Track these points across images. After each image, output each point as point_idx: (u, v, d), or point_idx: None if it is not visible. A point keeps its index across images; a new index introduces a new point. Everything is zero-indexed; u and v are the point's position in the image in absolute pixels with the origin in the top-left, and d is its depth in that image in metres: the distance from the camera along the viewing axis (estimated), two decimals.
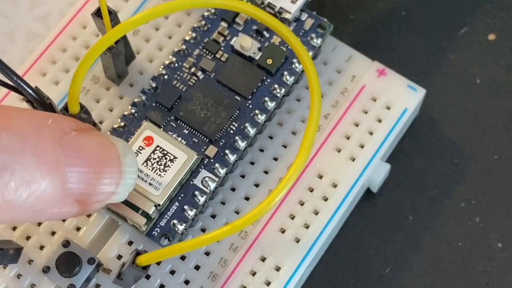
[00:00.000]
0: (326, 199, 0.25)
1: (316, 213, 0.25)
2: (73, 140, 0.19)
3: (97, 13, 0.24)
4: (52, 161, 0.19)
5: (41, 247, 0.25)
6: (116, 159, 0.20)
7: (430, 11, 0.29)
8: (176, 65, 0.26)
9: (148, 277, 0.24)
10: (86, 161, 0.19)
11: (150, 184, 0.24)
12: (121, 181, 0.20)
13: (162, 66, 0.26)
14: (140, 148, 0.24)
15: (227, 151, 0.25)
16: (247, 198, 0.25)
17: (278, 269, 0.24)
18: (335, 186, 0.25)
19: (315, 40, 0.26)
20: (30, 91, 0.22)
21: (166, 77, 0.26)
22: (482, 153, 0.27)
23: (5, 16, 0.29)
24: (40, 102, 0.22)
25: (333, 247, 0.26)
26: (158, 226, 0.24)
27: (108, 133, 0.25)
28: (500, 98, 0.28)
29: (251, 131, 0.25)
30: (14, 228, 0.25)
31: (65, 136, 0.19)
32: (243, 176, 0.26)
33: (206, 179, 0.25)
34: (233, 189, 0.25)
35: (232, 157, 0.25)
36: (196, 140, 0.25)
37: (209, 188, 0.24)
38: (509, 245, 0.26)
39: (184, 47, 0.26)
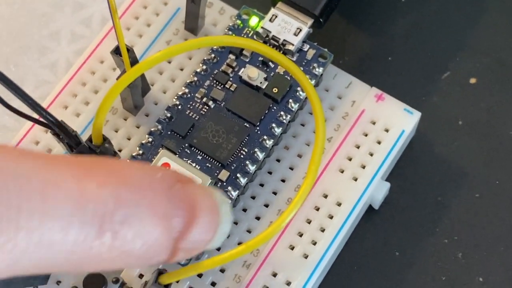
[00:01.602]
0: (331, 217, 0.27)
1: (323, 230, 0.27)
2: (178, 192, 0.21)
3: (116, 51, 0.26)
4: (162, 213, 0.20)
5: None
6: (215, 209, 0.21)
7: (414, 56, 0.31)
8: (189, 95, 0.28)
9: None
10: (189, 212, 0.21)
11: None
12: (218, 229, 0.22)
13: (176, 97, 0.28)
14: None
15: (238, 175, 0.27)
16: (258, 218, 0.27)
17: (288, 283, 0.26)
18: (339, 204, 0.27)
19: (317, 69, 0.28)
20: (51, 119, 0.24)
21: (179, 107, 0.28)
22: (464, 192, 0.29)
23: (15, 64, 0.31)
24: (66, 135, 0.24)
25: (324, 283, 0.28)
26: None
27: (127, 160, 0.27)
28: (481, 139, 0.30)
29: (260, 155, 0.27)
30: None
31: (172, 189, 0.20)
32: (253, 197, 0.27)
33: None
34: (244, 210, 0.27)
35: (243, 180, 0.27)
36: (209, 165, 0.27)
37: None
38: (489, 280, 0.28)
39: (195, 78, 0.28)
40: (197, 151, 0.27)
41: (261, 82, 0.28)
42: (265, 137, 0.27)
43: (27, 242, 0.18)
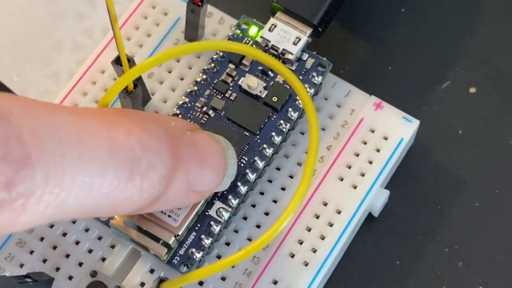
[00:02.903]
0: (331, 225, 0.27)
1: (323, 238, 0.27)
2: (190, 138, 0.23)
3: (117, 61, 0.27)
4: (180, 157, 0.22)
5: (70, 278, 0.27)
6: (222, 153, 0.24)
7: (414, 66, 0.31)
8: (189, 105, 0.28)
9: None
10: (201, 156, 0.23)
11: (169, 216, 0.26)
12: (226, 172, 0.24)
13: (176, 106, 0.28)
14: None
15: (238, 183, 0.27)
16: (258, 226, 0.27)
17: None
18: (339, 212, 0.27)
19: (316, 78, 0.28)
20: None
21: (180, 116, 0.28)
22: (464, 200, 0.29)
23: (17, 74, 0.31)
24: None
25: None
26: (178, 254, 0.26)
27: None
28: (481, 149, 0.30)
29: (260, 164, 0.27)
30: (45, 261, 0.27)
31: (185, 135, 0.23)
32: (254, 206, 0.28)
33: (220, 209, 0.27)
34: (245, 218, 0.27)
35: (243, 189, 0.27)
36: None
37: (223, 218, 0.27)
38: None
39: (195, 88, 0.28)
40: None
41: (260, 91, 0.28)
42: (265, 145, 0.27)
43: (71, 185, 0.20)
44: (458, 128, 0.30)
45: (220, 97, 0.28)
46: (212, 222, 0.26)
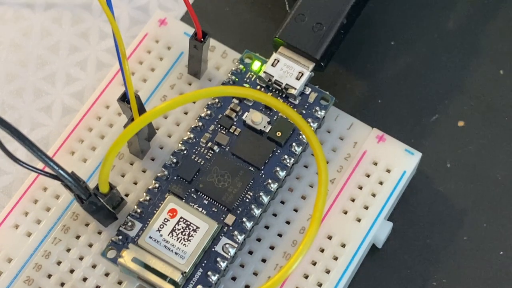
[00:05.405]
0: (336, 258, 0.28)
1: (328, 271, 0.27)
2: None
3: (122, 98, 0.27)
4: None
5: None
6: None
7: (403, 99, 0.31)
8: (194, 140, 0.28)
9: None
10: None
11: (176, 253, 0.26)
12: None
13: (181, 142, 0.28)
14: (166, 220, 0.27)
15: (244, 219, 0.27)
16: (263, 260, 0.28)
17: None
18: (343, 245, 0.28)
19: (319, 112, 0.29)
20: (68, 177, 0.24)
21: (185, 152, 0.28)
22: (452, 234, 0.29)
23: (10, 107, 0.31)
24: (77, 187, 0.25)
25: None
26: None
27: (135, 206, 0.27)
28: (470, 182, 0.30)
29: (265, 198, 0.27)
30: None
31: None
32: (259, 240, 0.28)
33: (227, 245, 0.27)
34: (250, 253, 0.28)
35: (249, 224, 0.27)
36: (216, 210, 0.27)
37: (229, 254, 0.27)
38: None
39: (200, 123, 0.29)
40: (203, 195, 0.27)
41: (264, 126, 0.28)
42: (269, 180, 0.28)
43: None
44: (447, 161, 0.30)
45: (224, 132, 0.28)
46: (218, 258, 0.27)
